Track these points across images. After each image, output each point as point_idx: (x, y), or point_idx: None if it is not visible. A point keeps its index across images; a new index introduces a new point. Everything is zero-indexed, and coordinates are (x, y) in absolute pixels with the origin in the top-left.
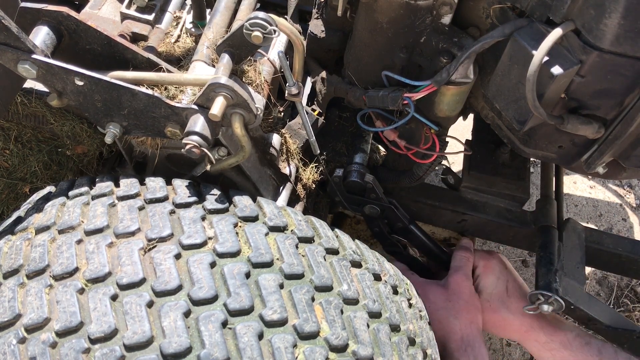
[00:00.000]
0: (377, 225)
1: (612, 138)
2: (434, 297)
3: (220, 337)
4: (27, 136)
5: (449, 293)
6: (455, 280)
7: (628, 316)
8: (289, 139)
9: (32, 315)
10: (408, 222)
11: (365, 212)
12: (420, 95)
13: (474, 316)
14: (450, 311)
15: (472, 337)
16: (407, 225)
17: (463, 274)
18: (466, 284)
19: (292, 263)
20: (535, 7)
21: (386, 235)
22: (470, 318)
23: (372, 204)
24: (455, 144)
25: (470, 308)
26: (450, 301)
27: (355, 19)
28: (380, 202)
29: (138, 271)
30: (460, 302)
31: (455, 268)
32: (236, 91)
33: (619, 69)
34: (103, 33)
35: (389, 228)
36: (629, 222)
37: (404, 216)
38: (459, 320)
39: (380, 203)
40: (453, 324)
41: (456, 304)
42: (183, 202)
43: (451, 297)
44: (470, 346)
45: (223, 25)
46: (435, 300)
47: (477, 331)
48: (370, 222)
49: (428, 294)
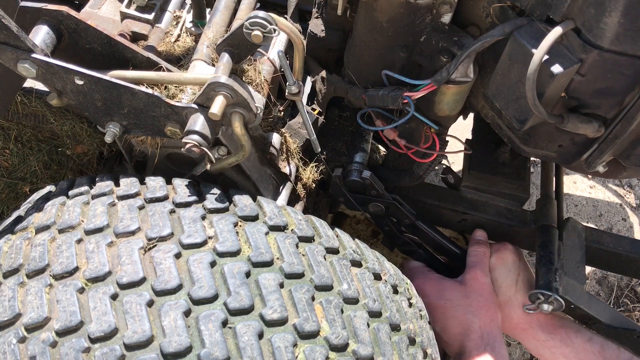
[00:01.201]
0: (386, 224)
1: (612, 137)
2: (450, 294)
3: (221, 336)
4: (27, 136)
5: (467, 290)
6: (472, 277)
7: (628, 316)
8: (289, 139)
9: (32, 314)
10: (415, 217)
11: (370, 211)
12: (420, 94)
13: (494, 314)
14: (469, 308)
15: (492, 337)
16: (414, 221)
17: (480, 269)
18: (484, 280)
19: (292, 262)
20: (535, 5)
21: (397, 235)
22: (490, 316)
23: (375, 201)
24: (456, 143)
25: (490, 305)
26: (468, 298)
27: (355, 18)
28: (383, 198)
29: (138, 270)
30: (479, 299)
31: (472, 264)
32: (236, 90)
33: (619, 67)
34: (103, 32)
35: (397, 226)
36: (629, 222)
37: (410, 212)
38: (478, 317)
39: (383, 200)
40: (472, 321)
41: (474, 301)
42: (183, 202)
43: (469, 293)
44: (489, 345)
45: (223, 25)
46: (452, 297)
47: (497, 330)
48: (379, 222)
49: (444, 291)
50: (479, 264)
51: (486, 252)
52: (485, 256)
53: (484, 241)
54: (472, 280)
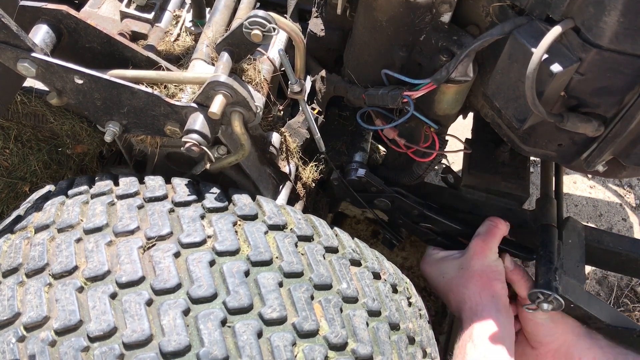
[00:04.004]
0: (398, 217)
1: (611, 136)
2: (447, 268)
3: (220, 335)
4: (26, 135)
5: (462, 261)
6: (472, 247)
7: (628, 316)
8: (288, 138)
9: (31, 313)
10: (423, 207)
11: (378, 207)
12: (420, 93)
13: (486, 284)
14: (460, 280)
15: (480, 307)
16: (422, 211)
17: (482, 240)
18: (483, 249)
19: (292, 261)
20: (534, 5)
21: (413, 226)
22: (480, 286)
23: (379, 196)
24: (455, 142)
25: (481, 275)
26: (462, 268)
27: (355, 17)
28: (385, 193)
29: (137, 270)
30: (470, 269)
31: (477, 234)
32: (236, 89)
33: (619, 66)
34: (103, 31)
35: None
36: (629, 221)
37: (417, 202)
38: (468, 289)
39: (386, 194)
40: (462, 293)
41: (466, 272)
42: (182, 201)
43: (463, 264)
44: (477, 316)
45: (222, 24)
46: (449, 271)
47: (488, 299)
48: (391, 216)
49: (442, 266)
50: (483, 234)
51: (498, 224)
52: (496, 228)
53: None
54: (471, 250)
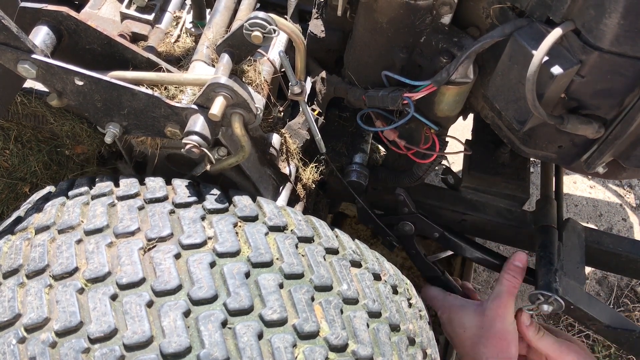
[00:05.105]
0: (414, 247)
1: (612, 138)
2: (468, 321)
3: (220, 336)
4: (27, 136)
5: (484, 319)
6: (493, 307)
7: (628, 316)
8: (288, 139)
9: (31, 315)
10: (443, 229)
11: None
12: (420, 95)
13: (506, 347)
14: (481, 339)
15: None
16: (443, 233)
17: (504, 300)
18: (504, 311)
19: (292, 263)
20: (535, 7)
21: (424, 259)
22: (500, 348)
23: (404, 219)
24: (455, 143)
25: (501, 339)
26: (482, 328)
27: (355, 18)
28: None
29: (138, 271)
30: (491, 330)
31: (498, 293)
32: (236, 91)
33: (619, 69)
34: (103, 33)
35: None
36: (629, 222)
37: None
38: (487, 349)
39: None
40: (482, 353)
41: (487, 332)
42: (183, 202)
43: (485, 323)
44: None
45: (223, 25)
46: (470, 325)
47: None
48: (407, 244)
49: (463, 318)
50: (503, 294)
51: (518, 281)
52: (514, 287)
53: (521, 268)
54: (491, 310)
